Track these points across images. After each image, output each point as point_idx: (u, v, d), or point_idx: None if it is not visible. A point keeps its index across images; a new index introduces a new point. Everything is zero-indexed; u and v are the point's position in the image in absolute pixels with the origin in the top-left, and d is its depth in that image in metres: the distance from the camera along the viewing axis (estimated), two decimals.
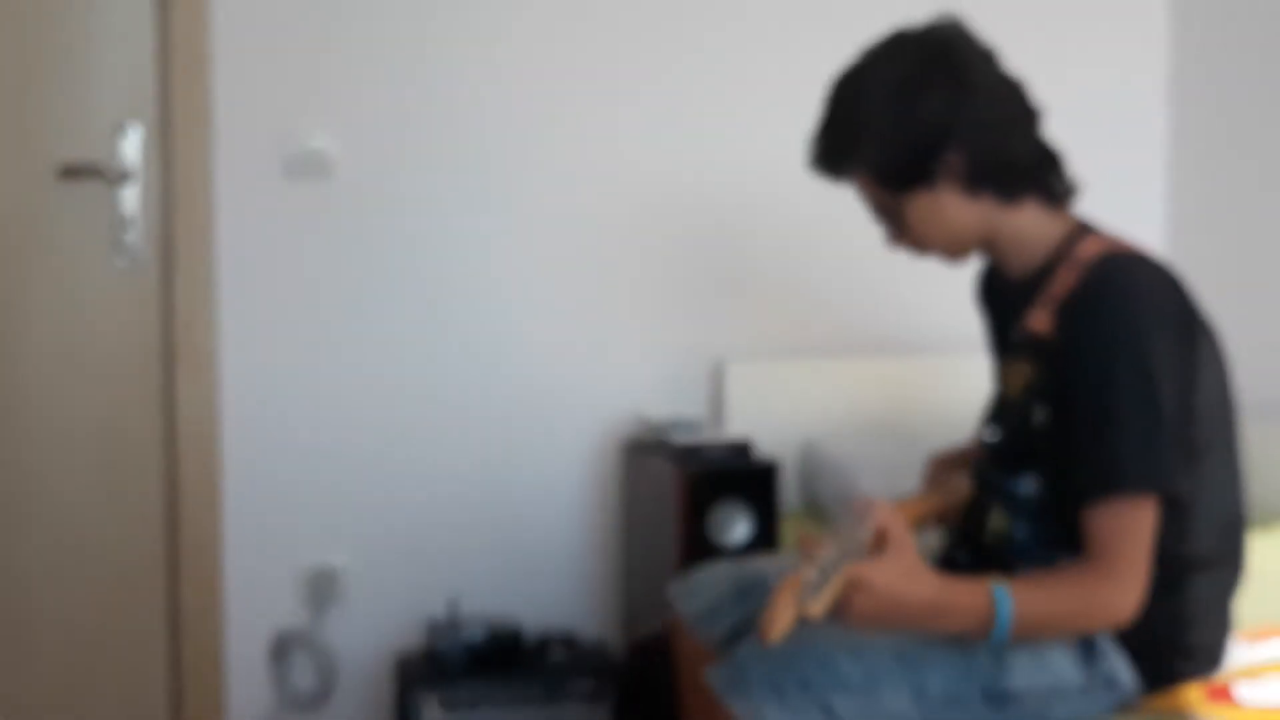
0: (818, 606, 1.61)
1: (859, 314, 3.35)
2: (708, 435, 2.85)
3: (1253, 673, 1.95)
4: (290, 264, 3.00)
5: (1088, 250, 1.87)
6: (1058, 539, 1.86)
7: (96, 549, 2.94)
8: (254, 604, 3.01)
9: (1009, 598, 1.72)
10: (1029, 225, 1.95)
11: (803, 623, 1.72)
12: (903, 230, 2.00)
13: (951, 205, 1.94)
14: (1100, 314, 1.79)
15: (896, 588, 1.68)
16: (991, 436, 1.96)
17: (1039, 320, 1.88)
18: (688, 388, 3.23)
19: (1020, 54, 2.08)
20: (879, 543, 1.71)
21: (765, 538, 2.72)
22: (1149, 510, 1.76)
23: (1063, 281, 1.86)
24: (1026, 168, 1.96)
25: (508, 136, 3.11)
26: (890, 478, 2.89)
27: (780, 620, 1.59)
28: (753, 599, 2.07)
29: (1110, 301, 1.79)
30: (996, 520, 1.95)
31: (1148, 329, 1.77)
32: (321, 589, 3.03)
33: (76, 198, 2.89)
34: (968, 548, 1.97)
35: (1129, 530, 1.75)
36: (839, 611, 1.68)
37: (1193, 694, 1.86)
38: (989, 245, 2.00)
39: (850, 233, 3.29)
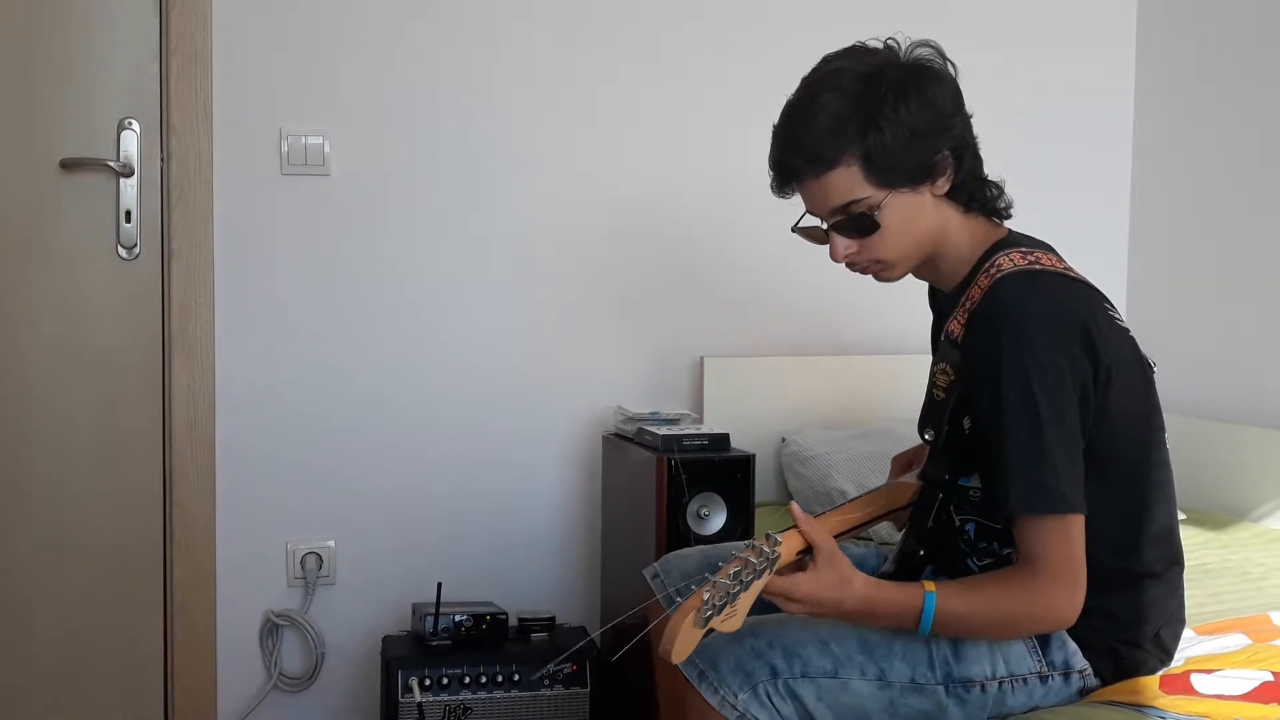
0: (733, 624, 1.68)
1: (830, 316, 3.41)
2: (687, 428, 2.88)
3: (1207, 664, 1.98)
4: (285, 257, 3.03)
5: (1004, 263, 1.87)
6: (1003, 534, 1.90)
7: (93, 531, 2.97)
8: (245, 586, 3.05)
9: (935, 600, 1.76)
10: (966, 240, 1.96)
11: (772, 609, 1.77)
12: (866, 237, 1.90)
13: (928, 207, 1.91)
14: (991, 332, 1.80)
15: (829, 595, 1.74)
16: (928, 436, 1.96)
17: (955, 325, 1.90)
18: (668, 383, 3.29)
19: (994, 57, 2.02)
20: (804, 555, 1.77)
21: (741, 526, 2.76)
22: (1068, 520, 1.76)
23: (978, 286, 1.88)
24: (986, 180, 1.98)
25: (499, 138, 3.15)
26: (858, 468, 2.96)
27: (681, 646, 1.65)
28: None
29: (1001, 320, 1.79)
30: (950, 517, 1.98)
31: (1036, 348, 1.76)
32: (310, 572, 3.08)
33: (79, 191, 2.92)
34: (922, 541, 1.97)
35: (1050, 540, 1.76)
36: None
37: (1149, 684, 1.88)
38: (931, 258, 1.97)
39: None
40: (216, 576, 3.02)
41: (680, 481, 2.72)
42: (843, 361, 3.38)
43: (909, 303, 3.38)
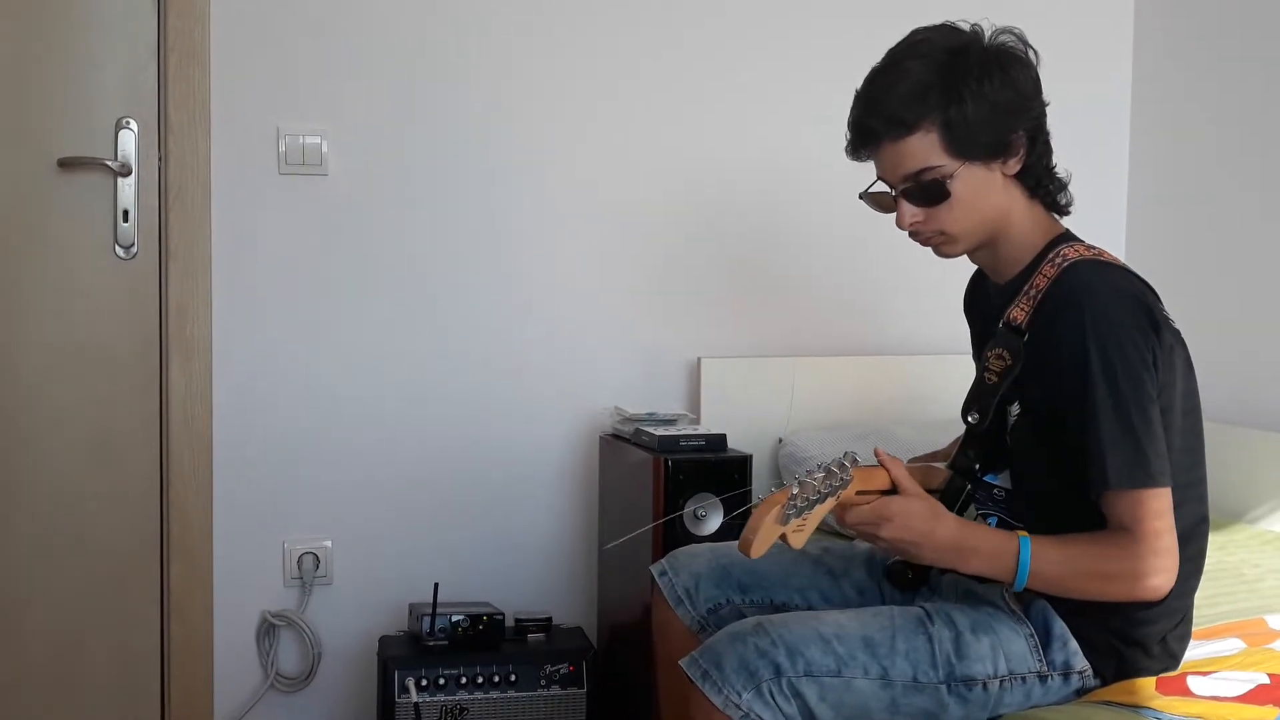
0: (799, 539, 1.70)
1: (828, 317, 3.42)
2: (684, 428, 2.88)
3: (1205, 667, 1.98)
4: (283, 257, 3.03)
5: (1069, 253, 1.92)
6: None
7: (90, 531, 2.96)
8: (242, 586, 3.04)
9: (1031, 545, 1.79)
10: (1029, 228, 1.99)
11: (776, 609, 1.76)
12: (934, 207, 1.94)
13: (996, 186, 1.95)
14: (1072, 313, 1.83)
15: (921, 524, 1.79)
16: (972, 419, 1.97)
17: (1019, 312, 1.92)
18: (665, 383, 3.29)
19: None
20: (891, 489, 1.81)
21: (738, 527, 2.72)
22: (1161, 493, 1.79)
23: (1043, 275, 1.91)
24: (1054, 171, 2.02)
25: (497, 139, 3.15)
26: None
27: (761, 539, 1.67)
28: (731, 580, 2.14)
29: (1083, 301, 1.83)
30: (971, 513, 1.99)
31: (1113, 330, 1.80)
32: (307, 572, 3.07)
33: (76, 190, 2.91)
34: None
35: (1147, 512, 1.78)
36: (869, 539, 1.80)
37: (1145, 685, 1.88)
38: (991, 242, 2.00)
39: (822, 240, 3.39)
40: (213, 577, 3.01)
41: (677, 481, 2.72)
42: (840, 363, 3.37)
43: (908, 305, 3.42)
